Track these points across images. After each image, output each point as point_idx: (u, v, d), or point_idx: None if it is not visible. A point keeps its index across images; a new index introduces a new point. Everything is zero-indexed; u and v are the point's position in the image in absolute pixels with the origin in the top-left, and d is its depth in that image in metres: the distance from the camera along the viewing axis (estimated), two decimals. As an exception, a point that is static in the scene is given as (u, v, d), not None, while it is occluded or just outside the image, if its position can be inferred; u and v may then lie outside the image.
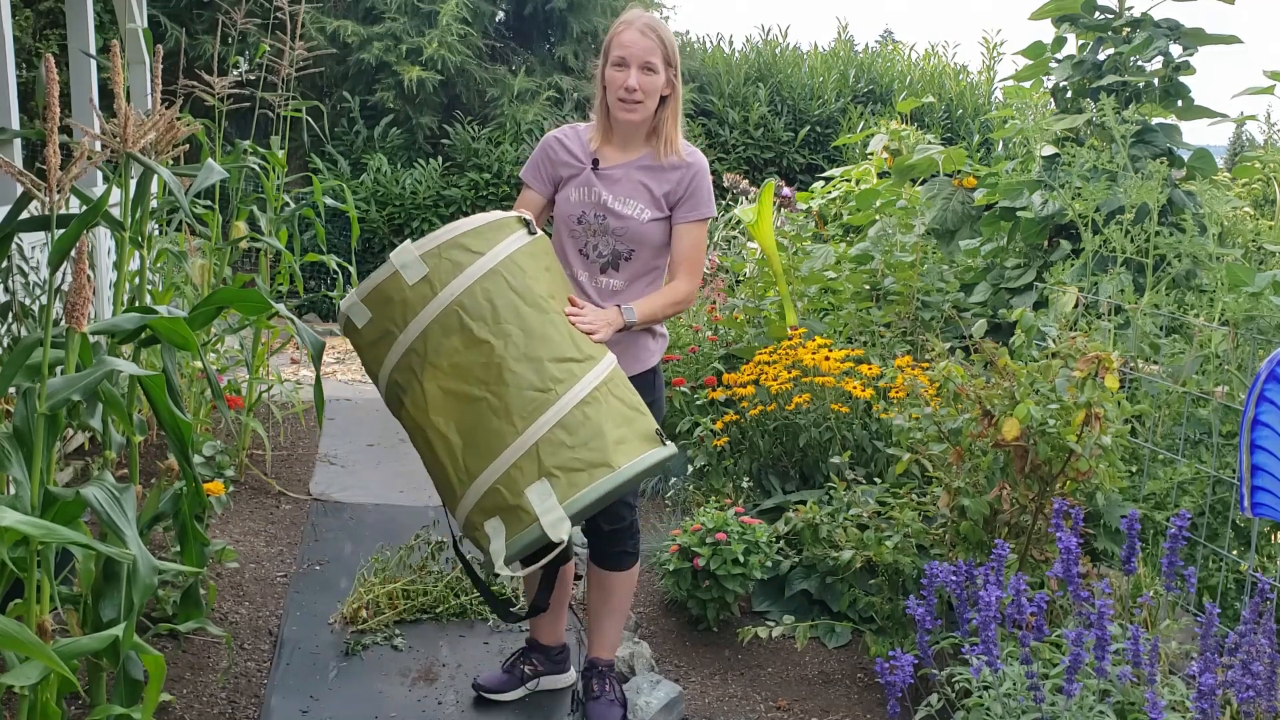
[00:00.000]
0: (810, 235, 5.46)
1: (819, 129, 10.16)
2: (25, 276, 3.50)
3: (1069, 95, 4.97)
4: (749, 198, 6.99)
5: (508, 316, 2.35)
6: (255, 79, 4.86)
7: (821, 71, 10.52)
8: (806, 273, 4.75)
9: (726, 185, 7.22)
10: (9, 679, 1.73)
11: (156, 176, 2.44)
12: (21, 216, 2.33)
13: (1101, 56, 4.84)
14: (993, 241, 4.93)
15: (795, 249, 4.84)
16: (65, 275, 1.97)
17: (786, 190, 6.48)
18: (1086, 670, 2.11)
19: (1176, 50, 4.72)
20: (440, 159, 9.12)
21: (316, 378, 2.56)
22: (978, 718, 2.17)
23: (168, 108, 2.59)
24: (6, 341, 3.30)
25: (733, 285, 5.51)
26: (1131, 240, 3.86)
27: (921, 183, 5.70)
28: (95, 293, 4.54)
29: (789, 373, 3.83)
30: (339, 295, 5.22)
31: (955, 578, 2.33)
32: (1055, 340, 3.28)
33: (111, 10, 7.19)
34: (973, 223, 5.23)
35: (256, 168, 4.35)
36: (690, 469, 4.14)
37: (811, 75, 10.49)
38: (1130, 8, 4.84)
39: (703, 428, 3.99)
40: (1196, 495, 3.15)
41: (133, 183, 2.57)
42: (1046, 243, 4.68)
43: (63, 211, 1.93)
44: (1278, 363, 2.14)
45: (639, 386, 2.54)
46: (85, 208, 2.04)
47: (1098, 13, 4.86)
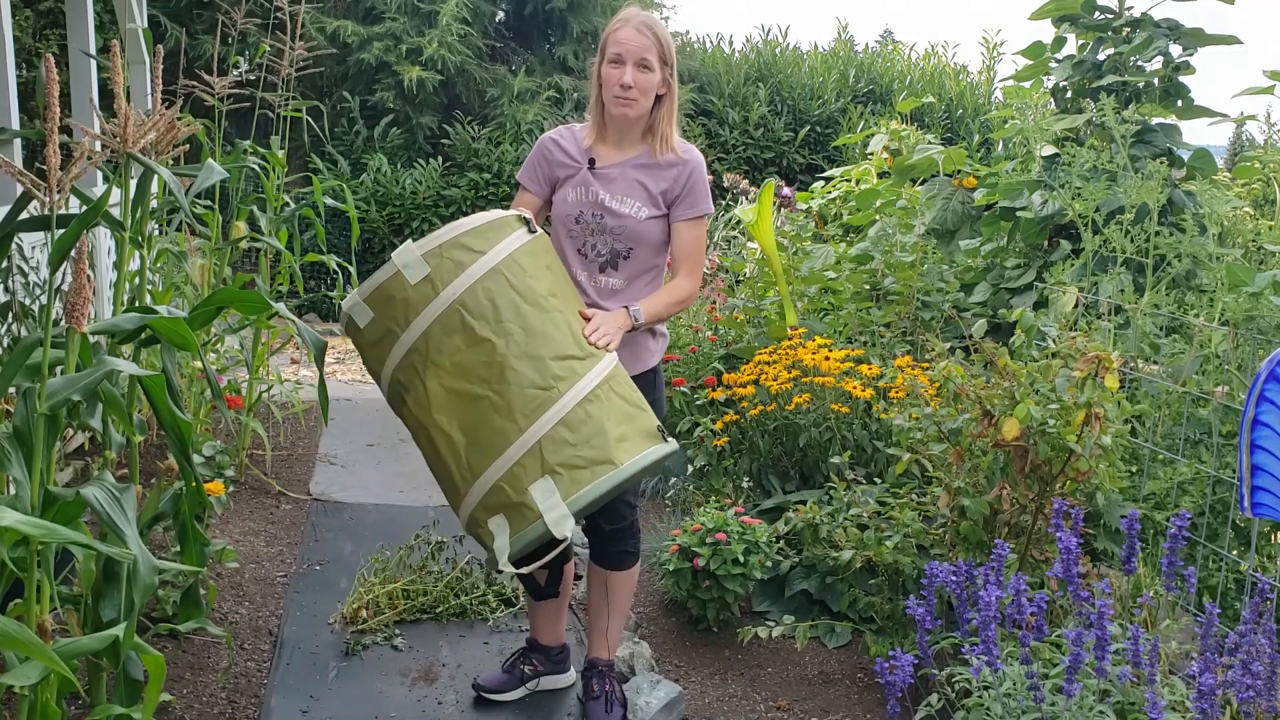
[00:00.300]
0: (810, 235, 5.46)
1: (819, 129, 10.16)
2: (25, 276, 3.50)
3: (1069, 95, 4.97)
4: (749, 198, 6.99)
5: (509, 315, 2.36)
6: (255, 79, 4.86)
7: (821, 71, 10.52)
8: (806, 273, 4.75)
9: (726, 185, 7.22)
10: (9, 679, 1.73)
11: (156, 176, 2.44)
12: (21, 216, 2.33)
13: (1101, 56, 4.84)
14: (993, 241, 4.93)
15: (795, 249, 4.84)
16: (65, 275, 1.97)
17: (786, 190, 6.48)
18: (1086, 670, 2.11)
19: (1176, 50, 4.72)
20: (440, 159, 9.12)
21: (320, 377, 2.56)
22: (978, 718, 2.17)
23: (168, 108, 2.59)
24: (6, 341, 3.30)
25: (733, 285, 5.51)
26: (1131, 240, 3.86)
27: (921, 183, 5.70)
28: (95, 293, 4.54)
29: (789, 373, 3.83)
30: (339, 295, 5.22)
31: (955, 578, 2.33)
32: (1055, 340, 3.28)
33: (111, 10, 7.19)
34: (973, 223, 5.23)
35: (256, 168, 4.35)
36: (690, 469, 4.14)
37: (811, 75, 10.49)
38: (1130, 8, 4.84)
39: (703, 428, 3.99)
40: (1196, 495, 3.15)
41: (133, 183, 2.57)
42: (1046, 243, 4.68)
43: (63, 211, 1.93)
44: (1278, 363, 2.14)
45: (640, 386, 2.55)
46: (85, 208, 2.04)
47: (1098, 13, 4.86)
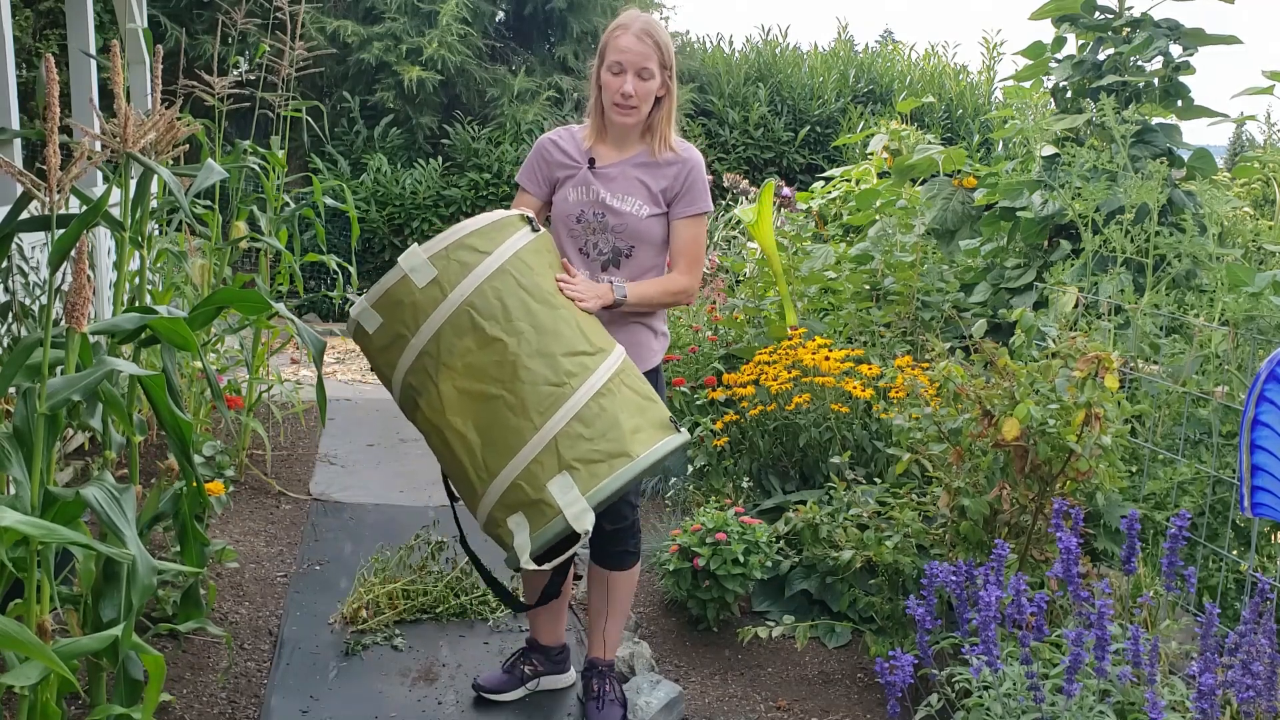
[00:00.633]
0: (810, 235, 5.46)
1: (819, 129, 10.15)
2: (25, 276, 3.50)
3: (1069, 95, 4.97)
4: (749, 198, 6.99)
5: (518, 314, 2.37)
6: (255, 79, 4.86)
7: (821, 71, 10.52)
8: (806, 273, 4.75)
9: (726, 185, 7.22)
10: (9, 679, 1.73)
11: (156, 176, 2.44)
12: (21, 216, 2.33)
13: (1101, 56, 4.84)
14: (993, 241, 4.93)
15: (795, 249, 4.84)
16: (65, 275, 1.97)
17: (786, 190, 6.48)
18: (1086, 670, 2.11)
19: (1176, 50, 4.72)
20: (440, 159, 9.12)
21: (319, 377, 2.56)
22: (978, 718, 2.17)
23: (168, 108, 2.59)
24: (6, 341, 3.30)
25: (733, 285, 5.51)
26: (1131, 240, 3.86)
27: (921, 183, 5.70)
28: (95, 293, 4.54)
29: (789, 373, 3.83)
30: (339, 295, 5.22)
31: (955, 578, 2.33)
32: (1055, 340, 3.28)
33: (111, 10, 7.19)
34: (973, 223, 5.23)
35: (256, 168, 4.35)
36: (690, 469, 4.14)
37: (811, 75, 10.49)
38: (1130, 8, 4.84)
39: (703, 428, 3.99)
40: (1196, 495, 3.15)
41: (133, 183, 2.57)
42: (1046, 243, 4.68)
43: (63, 211, 1.93)
44: (1278, 363, 2.14)
45: (640, 387, 2.55)
46: (85, 208, 2.04)
47: (1098, 13, 4.86)
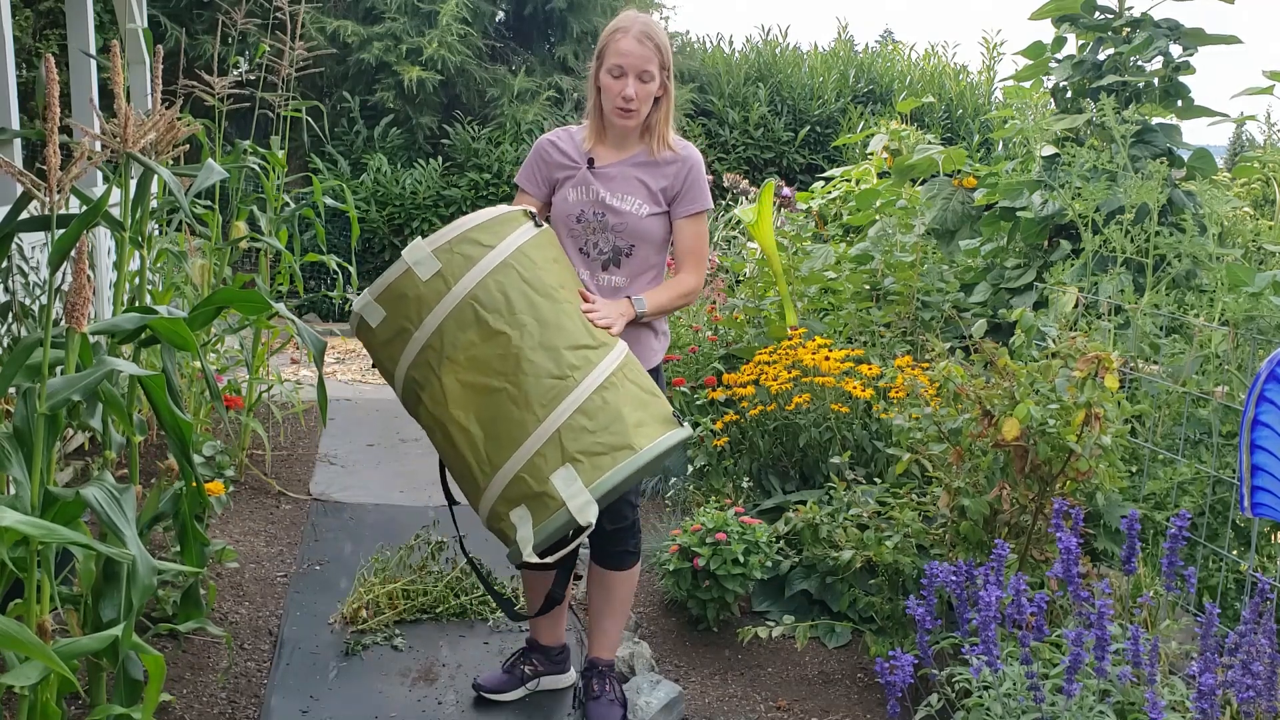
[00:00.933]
0: (810, 235, 5.46)
1: (819, 129, 10.15)
2: (25, 276, 3.50)
3: (1069, 95, 4.97)
4: (749, 198, 6.99)
5: (522, 307, 2.38)
6: (255, 79, 4.86)
7: (821, 71, 10.52)
8: (806, 273, 4.75)
9: (726, 185, 7.22)
10: (9, 679, 1.73)
11: (156, 176, 2.44)
12: (21, 216, 2.33)
13: (1101, 56, 4.84)
14: (993, 241, 4.93)
15: (795, 249, 4.84)
16: (65, 275, 1.97)
17: (786, 190, 6.48)
18: (1086, 670, 2.11)
19: (1176, 50, 4.72)
20: (440, 159, 9.12)
21: (319, 377, 2.56)
22: (978, 718, 2.17)
23: (168, 108, 2.59)
24: (6, 341, 3.30)
25: (733, 285, 5.51)
26: (1131, 240, 3.86)
27: (921, 183, 5.70)
28: (95, 293, 4.54)
29: (789, 373, 3.83)
30: (339, 295, 5.22)
31: (955, 578, 2.33)
32: (1055, 340, 3.28)
33: (111, 10, 7.19)
34: (973, 223, 5.23)
35: (256, 168, 4.35)
36: (690, 469, 4.14)
37: (811, 75, 10.49)
38: (1130, 8, 4.84)
39: (703, 428, 3.99)
40: (1196, 495, 3.15)
41: (133, 183, 2.57)
42: (1046, 243, 4.68)
43: (63, 211, 1.93)
44: (1278, 363, 2.14)
45: (642, 386, 2.55)
46: (85, 208, 2.04)
47: (1098, 13, 4.86)
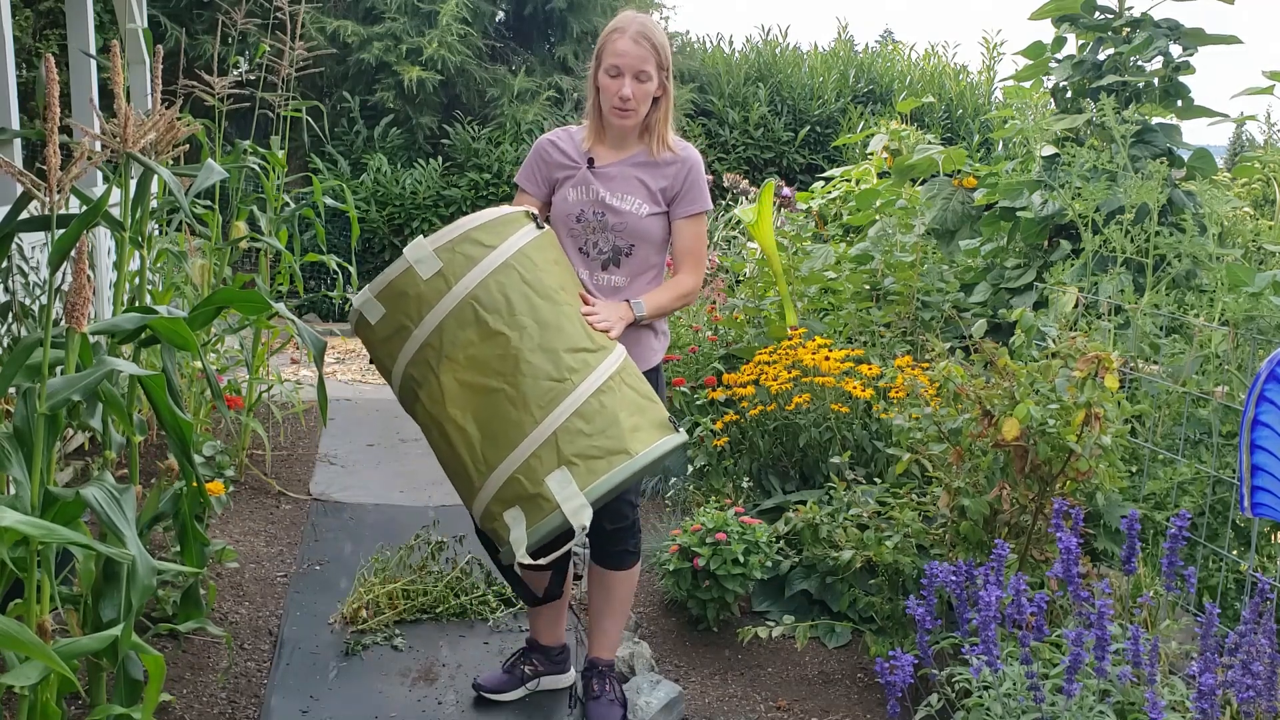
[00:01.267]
0: (810, 235, 5.46)
1: (819, 129, 10.15)
2: (25, 276, 3.50)
3: (1069, 95, 4.97)
4: (749, 198, 6.99)
5: (522, 308, 2.38)
6: (255, 79, 4.86)
7: (821, 71, 10.52)
8: (806, 273, 4.75)
9: (726, 185, 7.21)
10: (9, 679, 1.73)
11: (156, 176, 2.44)
12: (21, 216, 2.33)
13: (1101, 56, 4.84)
14: (993, 241, 4.93)
15: (795, 249, 4.84)
16: (65, 275, 1.97)
17: (786, 190, 6.48)
18: (1086, 670, 2.11)
19: (1176, 50, 4.72)
20: (440, 159, 9.12)
21: (319, 377, 2.56)
22: (978, 718, 2.17)
23: (168, 108, 2.59)
24: (6, 341, 3.30)
25: (733, 285, 5.51)
26: (1131, 240, 3.86)
27: (921, 183, 5.70)
28: (95, 293, 4.54)
29: (789, 373, 3.83)
30: (339, 295, 5.22)
31: (955, 578, 2.33)
32: (1055, 340, 3.28)
33: (111, 10, 7.19)
34: (973, 223, 5.23)
35: (256, 168, 4.35)
36: (690, 469, 4.14)
37: (811, 75, 10.49)
38: (1130, 8, 4.84)
39: (703, 428, 3.99)
40: (1196, 495, 3.15)
41: (133, 183, 2.57)
42: (1046, 243, 4.68)
43: (63, 211, 1.93)
44: (1278, 363, 2.14)
45: (640, 386, 2.55)
46: (85, 208, 2.04)
47: (1098, 13, 4.86)
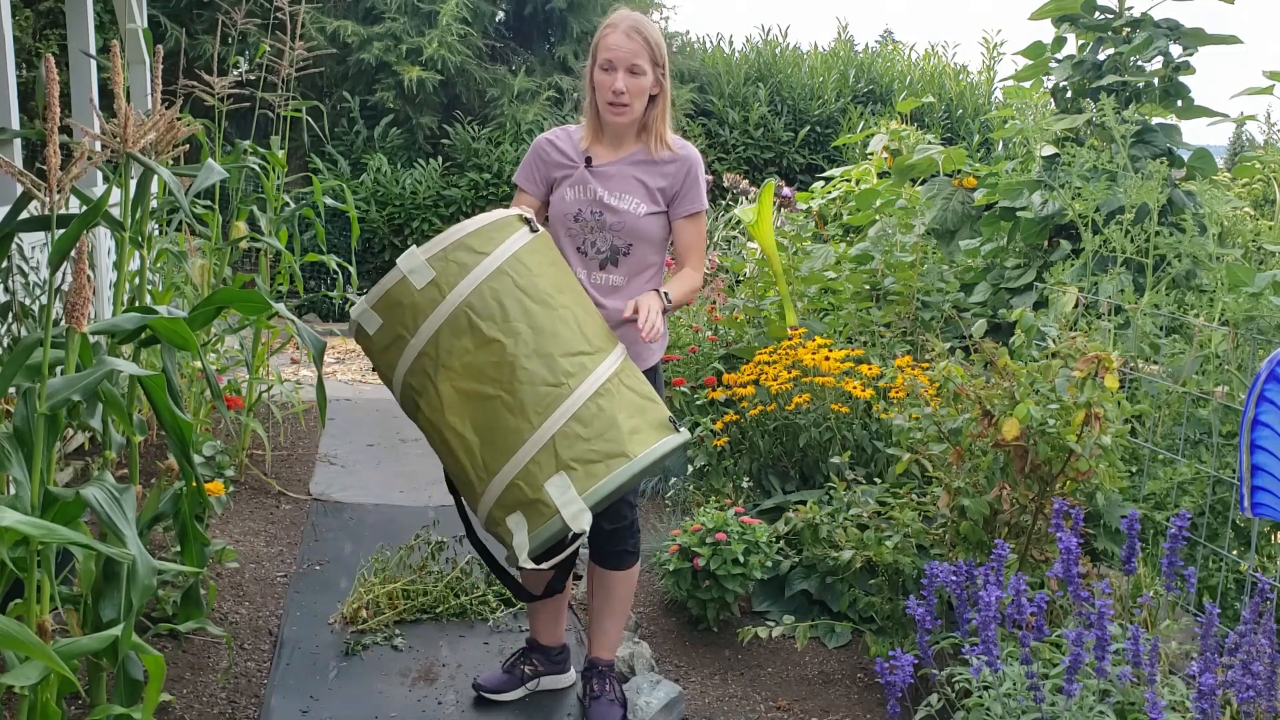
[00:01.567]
0: (810, 235, 5.46)
1: (819, 129, 10.15)
2: (25, 276, 3.50)
3: (1069, 95, 4.96)
4: (749, 198, 6.99)
5: (516, 315, 2.38)
6: (255, 79, 4.86)
7: (821, 71, 10.52)
8: (806, 273, 4.75)
9: (726, 185, 7.22)
10: (9, 679, 1.73)
11: (156, 176, 2.44)
12: (21, 216, 2.33)
13: (1101, 56, 4.84)
14: (993, 241, 4.93)
15: (795, 249, 4.84)
16: (65, 275, 1.97)
17: (786, 190, 6.48)
18: (1086, 670, 2.11)
19: (1176, 50, 4.72)
20: (440, 159, 9.12)
21: (318, 377, 2.56)
22: (978, 718, 2.17)
23: (168, 108, 2.59)
24: (6, 341, 3.30)
25: (733, 285, 5.51)
26: (1131, 240, 3.86)
27: (921, 183, 5.70)
28: (95, 293, 4.54)
29: (789, 373, 3.83)
30: (339, 295, 5.22)
31: (955, 578, 2.33)
32: (1055, 340, 3.28)
33: (111, 10, 7.19)
34: (973, 223, 5.23)
35: (256, 168, 4.35)
36: (690, 469, 4.14)
37: (811, 75, 10.49)
38: (1130, 8, 4.84)
39: (703, 428, 3.99)
40: (1196, 495, 3.15)
41: (133, 183, 2.57)
42: (1046, 243, 4.68)
43: (63, 211, 1.93)
44: (1278, 363, 2.14)
45: (640, 386, 2.55)
46: (85, 208, 2.04)
47: (1098, 13, 4.86)
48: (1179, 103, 4.75)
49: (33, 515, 1.84)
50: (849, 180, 6.73)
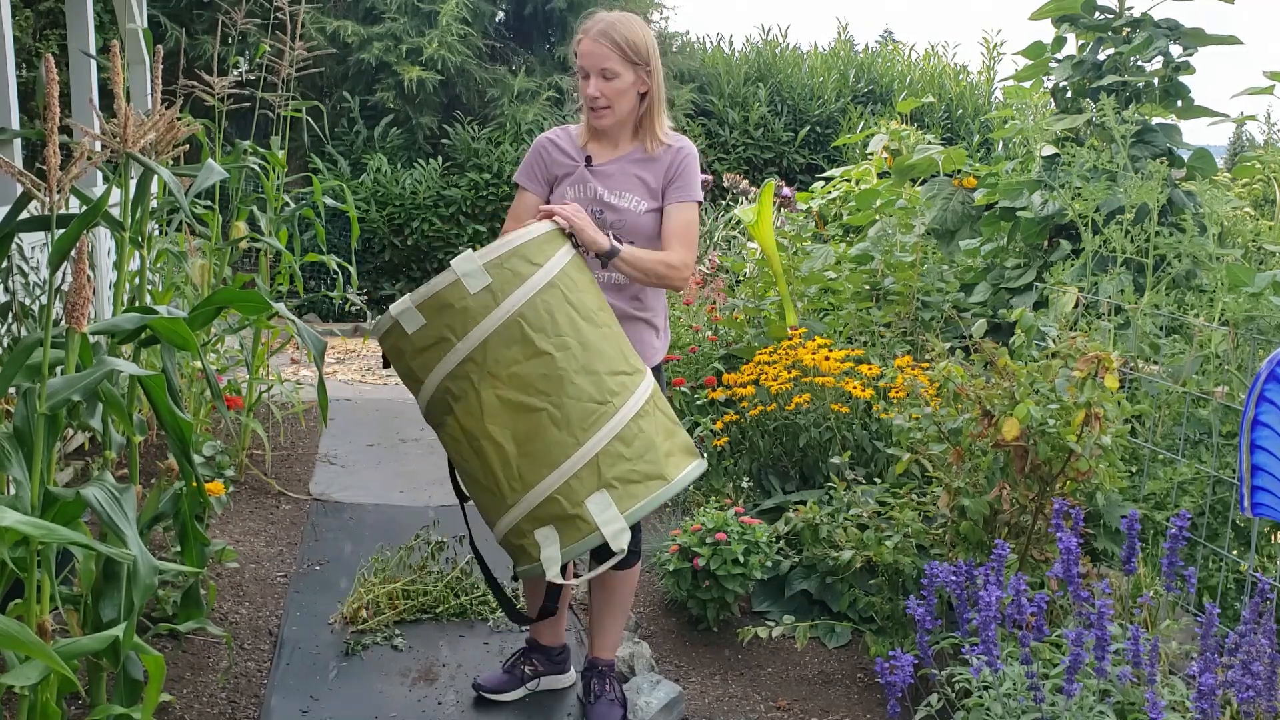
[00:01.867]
0: (810, 235, 5.46)
1: (819, 129, 10.15)
2: (25, 276, 3.50)
3: (1069, 95, 4.97)
4: (749, 198, 6.99)
5: (566, 329, 2.37)
6: (255, 79, 4.86)
7: (821, 71, 10.52)
8: (806, 273, 4.75)
9: (726, 185, 7.22)
10: (9, 679, 1.73)
11: (156, 176, 2.44)
12: (21, 216, 2.33)
13: (1101, 56, 4.84)
14: (993, 241, 4.93)
15: (795, 249, 4.84)
16: (65, 275, 1.97)
17: (786, 190, 6.48)
18: (1086, 670, 2.11)
19: (1176, 50, 4.72)
20: (440, 159, 9.11)
21: (319, 377, 2.56)
22: (978, 718, 2.17)
23: (168, 108, 2.59)
24: (6, 341, 3.30)
25: (733, 285, 5.51)
26: (1131, 240, 3.86)
27: (921, 183, 5.70)
28: (95, 293, 4.54)
29: (789, 373, 3.83)
30: (339, 295, 5.22)
31: (955, 578, 2.33)
32: (1055, 340, 3.28)
33: (111, 10, 7.19)
34: (973, 223, 5.23)
35: (256, 168, 4.35)
36: (690, 469, 4.14)
37: (811, 75, 10.49)
38: (1130, 8, 4.84)
39: (703, 428, 3.99)
40: (1196, 495, 3.15)
41: (133, 183, 2.57)
42: (1046, 243, 4.68)
43: (63, 211, 1.93)
44: (1278, 363, 2.14)
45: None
46: (85, 208, 2.04)
47: (1098, 13, 4.86)
48: (1179, 103, 4.75)
49: (33, 515, 1.84)
50: (849, 180, 6.73)
